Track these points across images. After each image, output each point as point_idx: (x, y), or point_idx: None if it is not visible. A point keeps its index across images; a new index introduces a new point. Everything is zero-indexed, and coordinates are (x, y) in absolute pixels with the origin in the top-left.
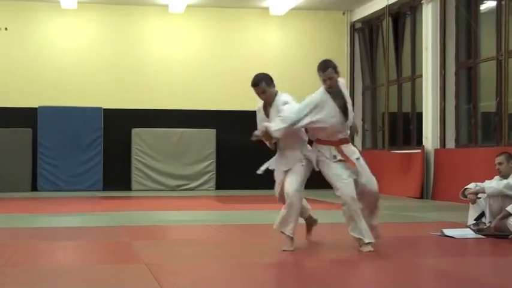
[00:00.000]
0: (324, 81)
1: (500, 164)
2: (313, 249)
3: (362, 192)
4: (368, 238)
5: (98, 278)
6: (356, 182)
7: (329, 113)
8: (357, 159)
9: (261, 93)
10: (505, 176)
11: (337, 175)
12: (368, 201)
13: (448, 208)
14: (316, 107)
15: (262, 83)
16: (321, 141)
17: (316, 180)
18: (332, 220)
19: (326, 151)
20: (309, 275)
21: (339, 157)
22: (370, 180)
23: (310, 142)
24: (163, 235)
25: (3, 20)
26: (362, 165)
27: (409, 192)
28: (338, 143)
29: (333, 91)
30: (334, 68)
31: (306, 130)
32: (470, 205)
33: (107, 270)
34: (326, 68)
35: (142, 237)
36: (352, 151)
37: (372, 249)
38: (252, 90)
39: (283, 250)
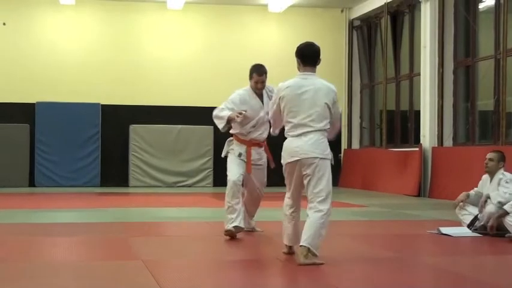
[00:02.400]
0: (256, 83)
1: (490, 160)
2: None
3: (251, 191)
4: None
5: (95, 274)
6: (244, 182)
7: (253, 108)
8: (258, 165)
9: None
10: (491, 173)
11: (229, 169)
12: (254, 199)
13: (445, 206)
14: (241, 102)
15: (266, 74)
16: (236, 138)
17: None
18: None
19: (237, 148)
20: (305, 274)
21: (243, 157)
22: (258, 187)
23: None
24: (160, 232)
25: (1, 15)
26: (258, 173)
27: (406, 190)
28: (249, 144)
29: (258, 93)
30: (266, 74)
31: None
32: (464, 210)
33: (104, 266)
34: (262, 73)
35: (140, 233)
36: (258, 157)
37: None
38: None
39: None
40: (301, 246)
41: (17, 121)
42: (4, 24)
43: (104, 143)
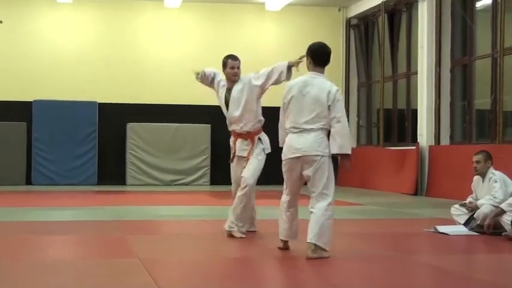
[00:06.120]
0: (232, 68)
1: (477, 162)
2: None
3: (238, 182)
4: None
5: (92, 272)
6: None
7: (220, 102)
8: (241, 156)
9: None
10: (481, 175)
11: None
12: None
13: (442, 205)
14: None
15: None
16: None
17: None
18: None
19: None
20: (303, 272)
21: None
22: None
23: None
24: (157, 230)
25: None
26: (240, 164)
27: (403, 189)
28: (234, 135)
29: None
30: (240, 63)
31: None
32: (459, 211)
33: (101, 264)
34: (236, 59)
35: (137, 231)
36: (241, 149)
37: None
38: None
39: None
40: (308, 242)
41: (14, 119)
42: (1, 22)
43: (101, 141)
